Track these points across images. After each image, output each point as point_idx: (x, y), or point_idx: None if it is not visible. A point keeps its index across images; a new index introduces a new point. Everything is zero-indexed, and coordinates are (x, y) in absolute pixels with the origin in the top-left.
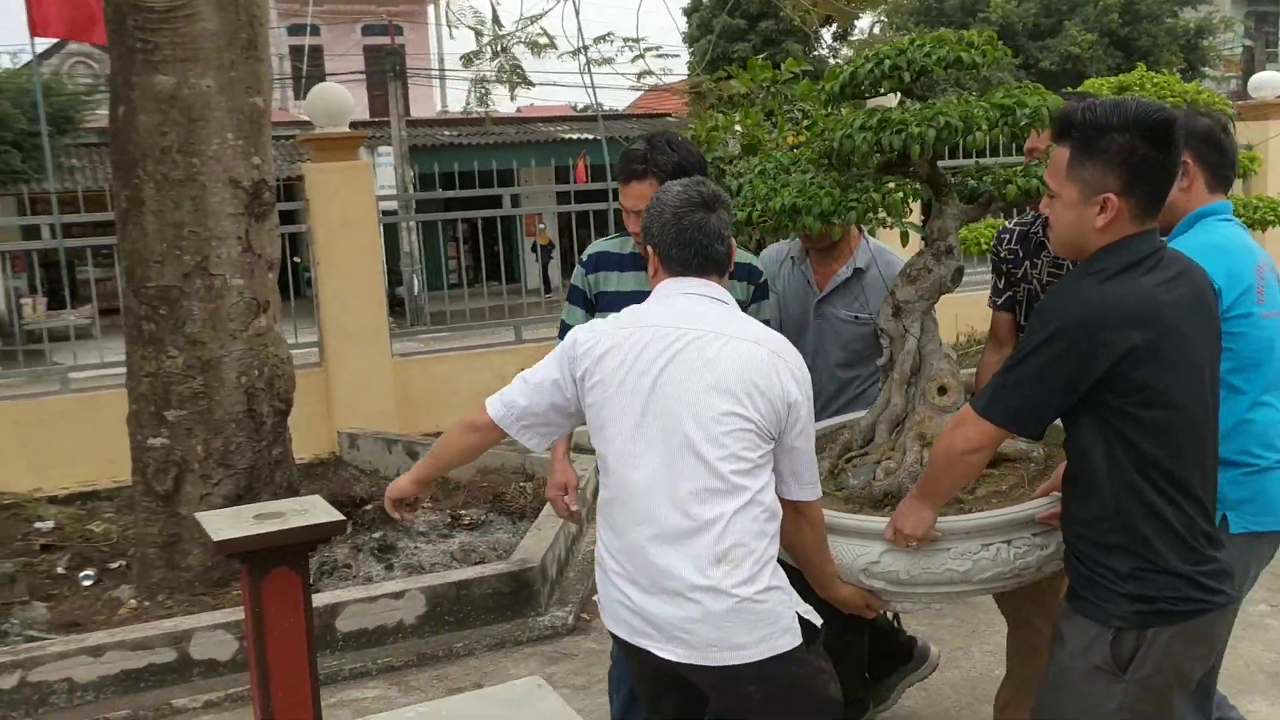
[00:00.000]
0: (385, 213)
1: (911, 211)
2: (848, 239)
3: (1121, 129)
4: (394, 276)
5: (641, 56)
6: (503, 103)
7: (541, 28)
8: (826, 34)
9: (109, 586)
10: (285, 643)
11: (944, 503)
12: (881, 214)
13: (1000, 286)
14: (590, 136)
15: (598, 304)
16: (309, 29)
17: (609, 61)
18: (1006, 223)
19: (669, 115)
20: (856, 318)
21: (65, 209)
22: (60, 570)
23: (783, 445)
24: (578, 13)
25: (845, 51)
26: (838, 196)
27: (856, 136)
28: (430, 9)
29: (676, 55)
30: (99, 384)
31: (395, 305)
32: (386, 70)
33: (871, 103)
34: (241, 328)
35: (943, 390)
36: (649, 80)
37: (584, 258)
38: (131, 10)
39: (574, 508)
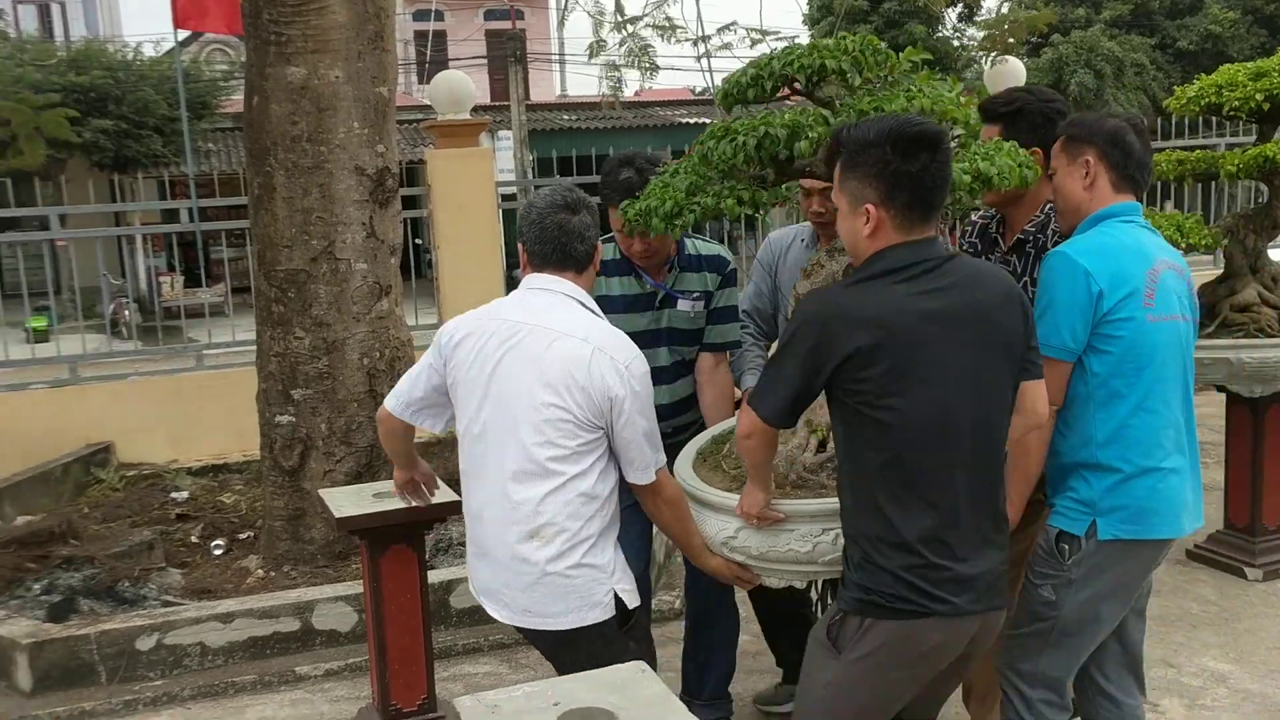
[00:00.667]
0: (504, 197)
1: (766, 213)
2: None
3: (877, 143)
4: (512, 259)
5: (762, 40)
6: (633, 88)
7: (666, 15)
8: (952, 14)
9: (238, 556)
10: (401, 616)
11: (765, 484)
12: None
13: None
14: (709, 120)
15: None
16: (433, 14)
17: (727, 47)
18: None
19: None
20: None
21: (201, 192)
22: (194, 539)
23: (614, 434)
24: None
25: (971, 32)
26: (680, 200)
27: (707, 144)
28: None
29: (796, 36)
30: (231, 361)
31: (513, 287)
32: (507, 55)
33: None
34: (365, 310)
35: None
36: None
37: None
38: (266, 4)
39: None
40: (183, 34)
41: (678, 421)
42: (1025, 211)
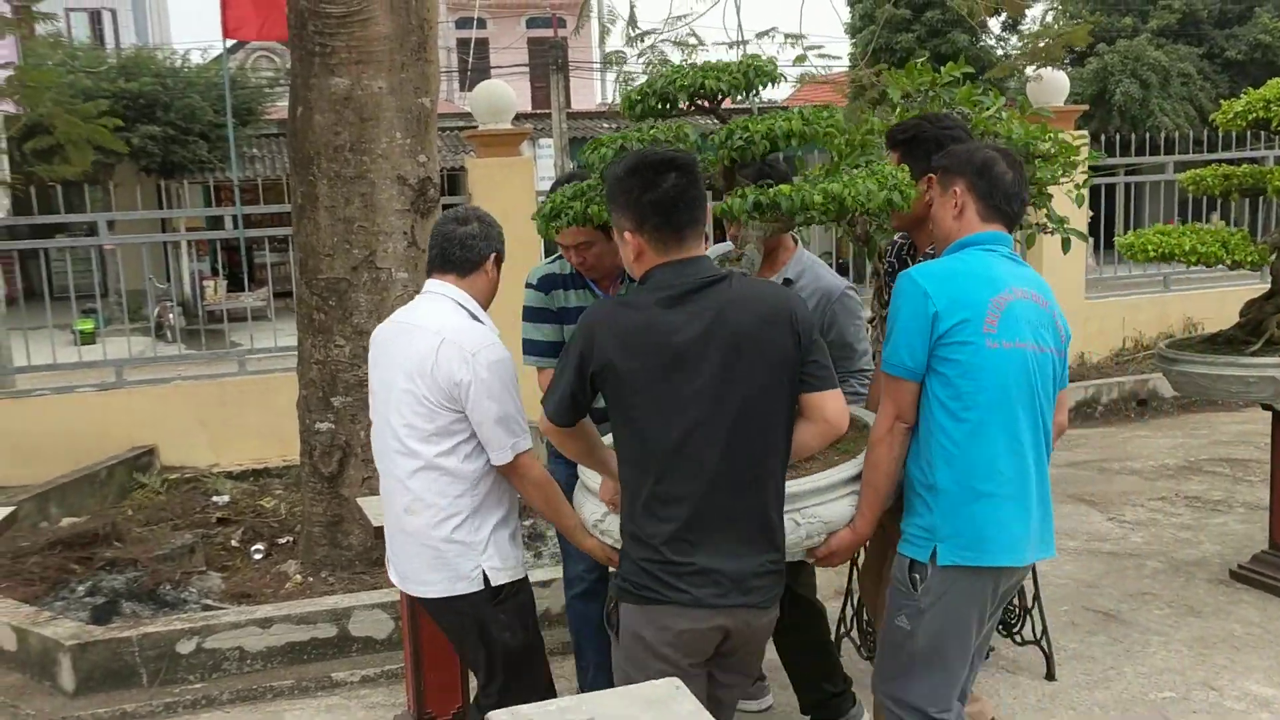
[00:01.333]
0: None
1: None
2: (784, 250)
3: (625, 176)
4: None
5: (804, 58)
6: None
7: (690, 29)
8: (994, 24)
9: (277, 560)
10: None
11: (606, 472)
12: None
13: (885, 300)
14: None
15: (563, 318)
16: (475, 22)
17: (772, 60)
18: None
19: (828, 107)
20: None
21: (245, 197)
22: (234, 543)
23: (469, 419)
24: (739, 10)
25: (1014, 42)
26: (559, 203)
27: (586, 153)
28: (594, 1)
29: (839, 42)
30: (272, 366)
31: None
32: (549, 63)
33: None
34: None
35: None
36: (808, 79)
37: (534, 281)
38: (312, 16)
39: None
40: (230, 42)
41: None
42: (928, 234)
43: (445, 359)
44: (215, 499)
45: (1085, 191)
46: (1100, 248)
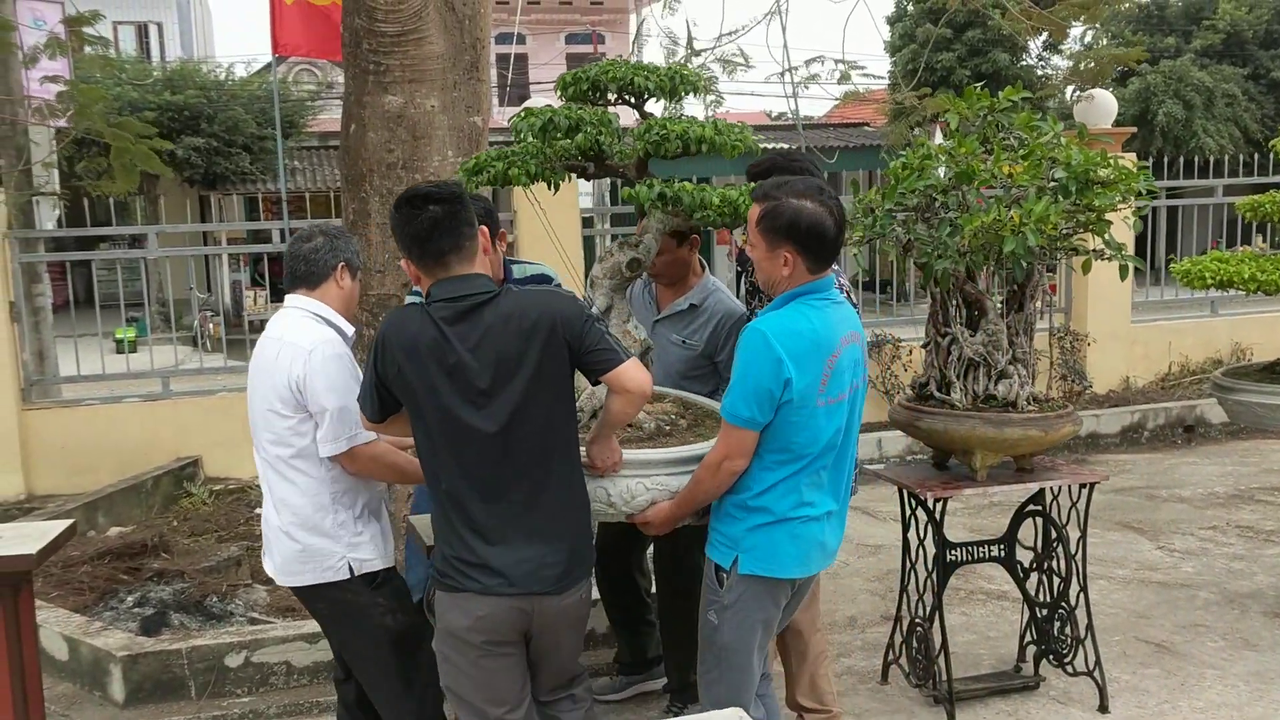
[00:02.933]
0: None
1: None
2: (693, 276)
3: (396, 209)
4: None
5: (847, 78)
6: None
7: (739, 47)
8: (1036, 43)
9: None
10: None
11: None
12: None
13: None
14: (785, 145)
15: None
16: (515, 38)
17: (814, 79)
18: None
19: (865, 125)
20: (684, 343)
21: (290, 209)
22: None
23: (311, 415)
24: (784, 29)
25: (1056, 61)
26: (482, 161)
27: (521, 119)
28: (632, 18)
29: (878, 60)
30: None
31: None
32: None
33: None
34: None
35: None
36: (851, 96)
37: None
38: (367, 35)
39: None
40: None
41: None
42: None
43: (285, 360)
44: (259, 510)
45: (1139, 218)
46: (1146, 271)
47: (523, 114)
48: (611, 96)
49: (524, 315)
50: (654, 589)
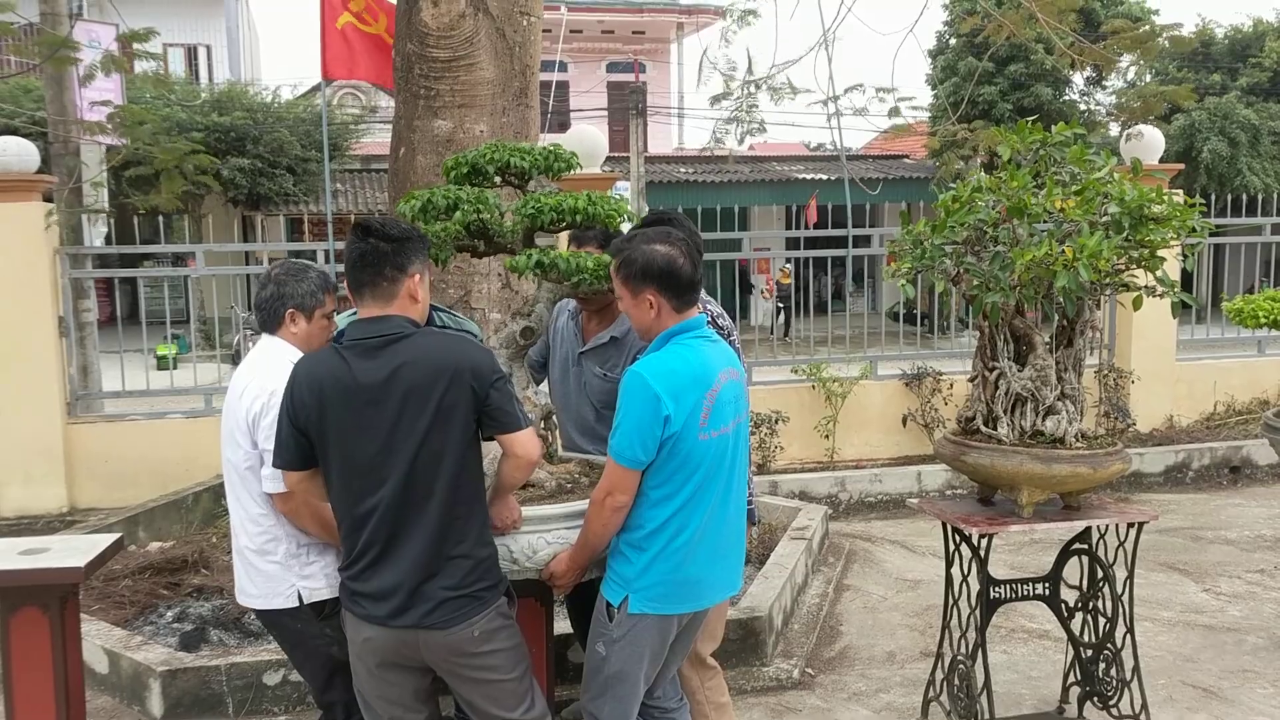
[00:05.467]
0: None
1: (443, 266)
2: (616, 309)
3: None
4: None
5: (897, 112)
6: (732, 145)
7: (787, 77)
8: (1078, 78)
9: None
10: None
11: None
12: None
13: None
14: (824, 177)
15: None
16: (557, 65)
17: (862, 112)
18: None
19: (905, 157)
20: (605, 375)
21: (322, 227)
22: None
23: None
24: (830, 60)
25: (1099, 96)
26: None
27: (404, 205)
28: (673, 48)
29: (920, 93)
30: None
31: None
32: (629, 107)
33: None
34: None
35: None
36: (901, 130)
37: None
38: (418, 60)
39: None
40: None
41: None
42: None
43: (249, 395)
44: None
45: (1193, 254)
46: (1193, 308)
47: (406, 198)
48: (497, 179)
49: (433, 356)
50: None
